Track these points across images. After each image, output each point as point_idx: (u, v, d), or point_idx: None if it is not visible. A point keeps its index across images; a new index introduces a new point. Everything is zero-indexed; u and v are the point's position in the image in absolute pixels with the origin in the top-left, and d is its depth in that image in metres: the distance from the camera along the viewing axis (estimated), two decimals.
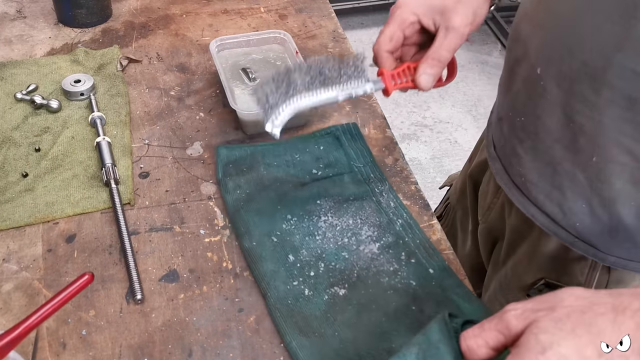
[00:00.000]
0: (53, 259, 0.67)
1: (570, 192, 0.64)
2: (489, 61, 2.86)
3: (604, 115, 0.57)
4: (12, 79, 0.90)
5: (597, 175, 0.61)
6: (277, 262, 0.66)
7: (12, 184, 0.74)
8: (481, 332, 0.45)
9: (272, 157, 0.79)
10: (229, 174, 0.76)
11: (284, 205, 0.72)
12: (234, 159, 0.78)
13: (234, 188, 0.74)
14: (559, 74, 0.60)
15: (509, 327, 0.44)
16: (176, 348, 0.59)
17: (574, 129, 0.61)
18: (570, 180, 0.64)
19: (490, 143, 0.78)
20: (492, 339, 0.45)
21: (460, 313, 0.60)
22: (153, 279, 0.65)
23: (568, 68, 0.59)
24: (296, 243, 0.68)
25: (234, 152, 0.79)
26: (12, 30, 1.01)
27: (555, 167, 0.64)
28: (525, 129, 0.68)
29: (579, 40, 0.58)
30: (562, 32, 0.59)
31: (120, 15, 1.06)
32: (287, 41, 0.92)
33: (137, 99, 0.89)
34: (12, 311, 0.62)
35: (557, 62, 0.61)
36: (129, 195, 0.73)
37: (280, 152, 0.79)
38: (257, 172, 0.76)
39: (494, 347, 0.45)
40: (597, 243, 0.66)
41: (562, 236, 0.69)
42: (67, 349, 0.59)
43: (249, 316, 0.62)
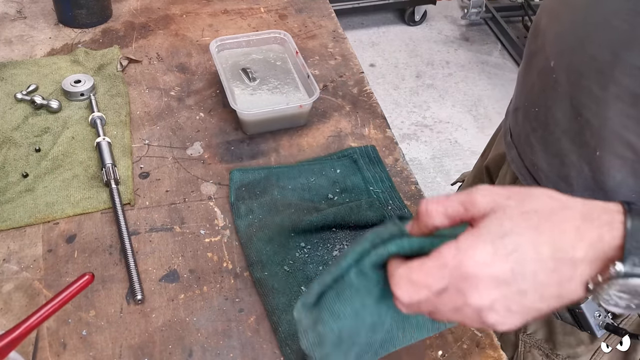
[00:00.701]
0: (53, 259, 0.67)
1: (576, 184, 0.65)
2: (489, 61, 2.86)
3: (609, 111, 0.58)
4: (13, 79, 0.90)
5: (600, 168, 0.62)
6: (289, 294, 0.64)
7: (12, 184, 0.74)
8: (445, 200, 0.45)
9: (286, 180, 0.76)
10: (241, 198, 0.74)
11: (298, 232, 0.70)
12: (247, 181, 0.76)
13: (246, 212, 0.72)
14: (569, 67, 0.61)
15: (474, 203, 0.44)
16: (176, 348, 0.60)
17: (581, 122, 0.61)
18: (577, 173, 0.65)
19: (507, 132, 0.80)
20: (452, 209, 0.44)
21: None
22: (153, 279, 0.65)
23: (578, 61, 0.60)
24: (309, 273, 0.66)
25: (247, 174, 0.77)
26: (13, 30, 1.01)
27: (563, 158, 0.65)
28: (538, 119, 0.69)
29: (590, 34, 0.58)
30: (575, 25, 0.60)
31: (120, 16, 1.06)
32: (287, 41, 0.92)
33: (137, 99, 0.89)
34: (13, 311, 0.62)
35: (568, 54, 0.61)
36: (129, 195, 0.73)
37: (295, 174, 0.77)
38: (271, 196, 0.74)
39: (451, 217, 0.45)
40: None
41: None
42: (68, 349, 0.59)
43: (249, 316, 0.62)
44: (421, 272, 0.43)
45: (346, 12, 2.83)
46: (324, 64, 0.97)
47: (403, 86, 2.66)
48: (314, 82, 0.83)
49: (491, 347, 0.61)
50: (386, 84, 2.67)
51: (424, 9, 3.03)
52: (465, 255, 0.42)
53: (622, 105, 0.57)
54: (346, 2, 2.78)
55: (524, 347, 0.87)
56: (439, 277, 0.43)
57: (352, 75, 0.95)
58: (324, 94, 0.91)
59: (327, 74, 0.95)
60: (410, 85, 2.67)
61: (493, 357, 0.60)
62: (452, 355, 0.60)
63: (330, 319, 0.47)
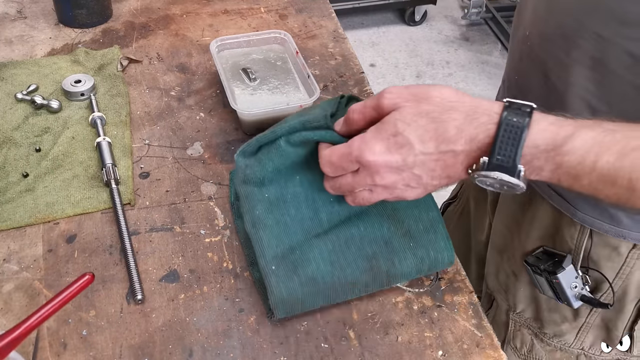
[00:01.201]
0: (53, 259, 0.67)
1: None
2: (489, 61, 2.86)
3: (572, 75, 0.64)
4: (13, 79, 0.90)
5: None
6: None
7: (12, 184, 0.74)
8: (363, 108, 0.56)
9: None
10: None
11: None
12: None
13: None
14: (541, 35, 0.68)
15: (381, 106, 0.54)
16: (176, 348, 0.60)
17: (549, 86, 0.67)
18: None
19: None
20: (369, 114, 0.55)
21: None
22: (153, 279, 0.65)
23: (547, 28, 0.67)
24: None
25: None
26: (13, 30, 1.01)
27: None
28: (518, 86, 0.75)
29: (559, 2, 0.65)
30: None
31: (120, 16, 1.06)
32: (287, 41, 0.92)
33: (137, 99, 0.89)
34: (13, 311, 0.62)
35: (540, 23, 0.68)
36: (129, 195, 0.73)
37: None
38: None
39: (368, 120, 0.56)
40: (569, 198, 0.72)
41: (543, 189, 0.75)
42: (68, 349, 0.59)
43: (249, 316, 0.63)
44: (336, 156, 0.56)
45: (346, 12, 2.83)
46: (324, 64, 0.97)
47: None
48: (314, 82, 0.83)
49: (491, 347, 0.61)
50: (386, 84, 2.67)
51: (424, 9, 3.03)
52: (366, 147, 0.53)
53: (583, 69, 0.62)
54: (346, 2, 2.78)
55: (514, 326, 0.91)
56: (347, 161, 0.55)
57: (352, 75, 0.95)
58: (324, 94, 0.91)
59: (327, 74, 0.95)
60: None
61: (493, 357, 0.60)
62: (452, 355, 0.60)
63: (255, 164, 0.64)
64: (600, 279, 0.76)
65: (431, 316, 0.64)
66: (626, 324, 0.80)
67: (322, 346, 0.61)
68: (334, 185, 0.59)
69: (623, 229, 0.70)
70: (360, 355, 0.60)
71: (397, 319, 0.63)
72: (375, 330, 0.62)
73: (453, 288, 0.66)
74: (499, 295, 0.90)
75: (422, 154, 0.52)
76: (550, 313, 0.84)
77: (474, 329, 0.63)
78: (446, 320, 0.63)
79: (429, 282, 0.67)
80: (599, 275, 0.76)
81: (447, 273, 0.68)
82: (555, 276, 0.74)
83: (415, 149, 0.52)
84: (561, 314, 0.83)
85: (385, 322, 0.63)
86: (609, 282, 0.75)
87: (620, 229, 0.70)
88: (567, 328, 0.84)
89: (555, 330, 0.85)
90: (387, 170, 0.53)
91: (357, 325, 0.62)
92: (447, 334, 0.62)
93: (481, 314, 0.64)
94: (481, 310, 0.64)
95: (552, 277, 0.74)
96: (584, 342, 0.84)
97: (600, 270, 0.75)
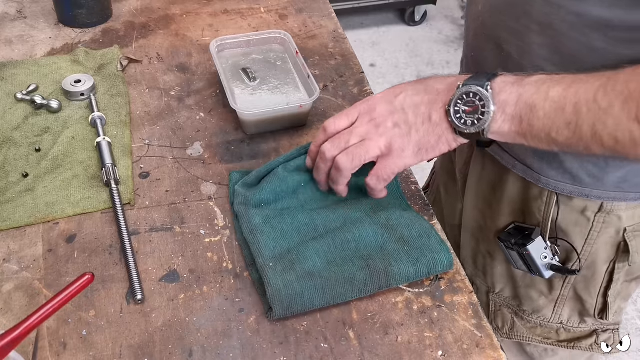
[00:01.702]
0: (53, 259, 0.67)
1: None
2: None
3: (524, 42, 0.67)
4: (13, 79, 0.90)
5: None
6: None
7: (12, 184, 0.74)
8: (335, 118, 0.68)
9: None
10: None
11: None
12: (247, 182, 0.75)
13: None
14: (492, 7, 0.71)
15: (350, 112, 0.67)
16: (176, 348, 0.60)
17: (504, 56, 0.70)
18: None
19: None
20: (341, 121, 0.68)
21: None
22: (153, 279, 0.65)
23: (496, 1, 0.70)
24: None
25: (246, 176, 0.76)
26: (13, 30, 1.01)
27: None
28: (475, 62, 0.78)
29: None
30: None
31: (120, 16, 1.06)
32: (287, 41, 0.92)
33: (137, 99, 0.89)
34: (13, 311, 0.62)
35: None
36: (129, 195, 0.73)
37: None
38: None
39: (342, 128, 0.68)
40: (532, 164, 0.75)
41: (506, 159, 0.78)
42: (68, 349, 0.59)
43: (249, 316, 0.63)
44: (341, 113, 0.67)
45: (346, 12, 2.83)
46: (324, 64, 0.97)
47: None
48: (314, 82, 0.83)
49: (491, 347, 0.61)
50: (386, 84, 2.66)
51: (424, 9, 3.03)
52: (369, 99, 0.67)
53: (534, 35, 0.65)
54: (346, 2, 2.78)
55: (495, 306, 0.94)
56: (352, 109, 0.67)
57: (352, 75, 0.95)
58: (324, 94, 0.91)
59: (327, 74, 0.95)
60: None
61: (493, 357, 0.60)
62: (452, 355, 0.60)
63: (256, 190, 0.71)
64: (570, 249, 0.79)
65: (431, 316, 0.64)
66: (599, 290, 0.82)
67: (322, 346, 0.61)
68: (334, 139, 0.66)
69: (585, 188, 0.73)
70: (360, 355, 0.60)
71: (397, 319, 0.63)
72: (375, 330, 0.62)
73: (453, 288, 0.66)
74: (478, 279, 0.93)
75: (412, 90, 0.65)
76: (527, 289, 0.87)
77: (474, 329, 0.63)
78: (446, 320, 0.63)
79: (428, 282, 0.67)
80: (568, 246, 0.79)
81: (447, 273, 0.68)
82: (525, 248, 0.77)
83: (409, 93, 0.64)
84: (537, 289, 0.86)
85: (385, 322, 0.63)
86: (575, 250, 0.78)
87: (583, 188, 0.73)
88: (544, 302, 0.86)
89: (533, 307, 0.88)
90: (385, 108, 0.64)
91: (357, 325, 0.62)
92: (447, 334, 0.62)
93: (481, 314, 0.64)
94: (481, 310, 0.65)
95: (523, 249, 0.77)
96: (561, 316, 0.87)
97: (568, 238, 0.78)
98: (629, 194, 0.72)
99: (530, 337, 0.91)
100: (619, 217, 0.74)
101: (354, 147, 0.65)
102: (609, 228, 0.76)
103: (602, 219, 0.75)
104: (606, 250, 0.78)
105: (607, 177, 0.71)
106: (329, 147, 0.66)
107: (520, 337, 0.91)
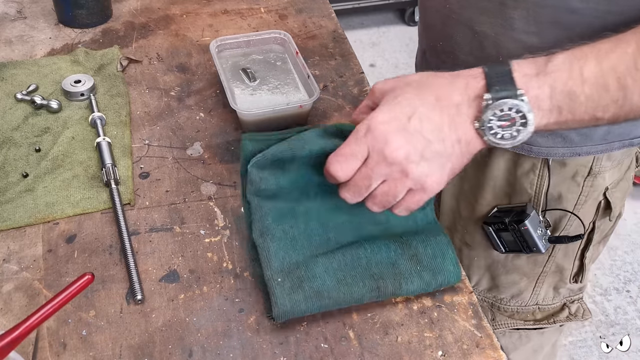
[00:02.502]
0: (53, 259, 0.67)
1: None
2: None
3: (499, 17, 0.66)
4: (13, 79, 0.90)
5: None
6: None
7: (12, 184, 0.74)
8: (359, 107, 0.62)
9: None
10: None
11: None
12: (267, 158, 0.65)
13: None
14: None
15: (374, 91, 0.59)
16: (176, 348, 0.60)
17: (479, 38, 0.70)
18: None
19: None
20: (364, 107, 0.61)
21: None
22: (153, 279, 0.65)
23: None
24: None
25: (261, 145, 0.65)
26: (13, 30, 1.01)
27: None
28: (444, 50, 0.77)
29: None
30: None
31: (120, 16, 1.06)
32: (287, 41, 0.92)
33: (137, 99, 0.89)
34: (13, 311, 0.62)
35: None
36: (129, 195, 0.73)
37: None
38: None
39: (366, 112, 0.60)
40: None
41: None
42: (68, 349, 0.59)
43: (249, 316, 0.63)
44: (344, 147, 0.56)
45: (346, 12, 2.83)
46: (324, 64, 0.97)
47: None
48: (314, 82, 0.83)
49: (491, 347, 0.61)
50: None
51: None
52: (372, 121, 0.55)
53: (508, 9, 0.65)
54: (346, 2, 2.78)
55: None
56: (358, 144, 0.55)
57: (352, 75, 0.95)
58: (324, 94, 0.91)
59: (327, 74, 0.95)
60: None
61: (493, 357, 0.60)
62: (452, 355, 0.60)
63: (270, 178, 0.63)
64: (557, 219, 0.81)
65: (431, 316, 0.64)
66: (576, 254, 0.84)
67: (322, 346, 0.61)
68: (350, 186, 0.57)
69: (575, 147, 0.74)
70: (360, 355, 0.60)
71: (397, 319, 0.63)
72: (375, 331, 0.62)
73: (453, 288, 0.66)
74: None
75: (423, 106, 0.54)
76: (507, 275, 0.87)
77: (474, 329, 0.63)
78: (446, 320, 0.63)
79: None
80: (555, 215, 0.80)
81: None
82: (523, 223, 0.77)
83: (416, 104, 0.54)
84: (519, 272, 0.86)
85: (385, 322, 0.63)
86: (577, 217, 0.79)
87: (574, 148, 0.74)
88: (525, 284, 0.87)
89: (512, 292, 0.88)
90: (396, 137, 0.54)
91: (357, 326, 0.62)
92: (446, 334, 0.62)
93: (481, 314, 0.64)
94: (481, 311, 0.65)
95: (520, 225, 0.77)
96: (538, 295, 0.88)
97: (561, 206, 0.79)
98: (613, 143, 0.74)
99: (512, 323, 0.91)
100: (604, 177, 0.77)
101: (380, 195, 0.57)
102: (595, 191, 0.78)
103: (590, 183, 0.77)
104: (589, 212, 0.80)
105: (595, 131, 0.72)
106: (350, 197, 0.58)
107: (504, 325, 0.91)
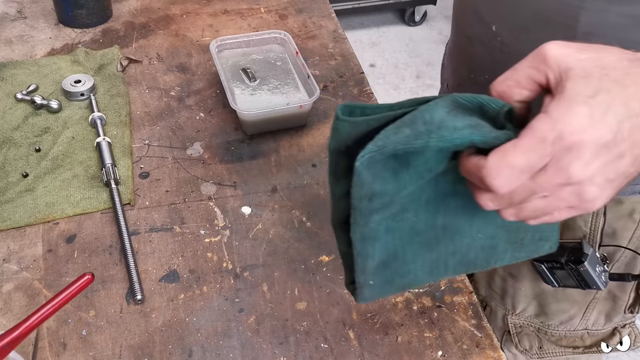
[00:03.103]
0: (53, 259, 0.67)
1: None
2: None
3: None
4: (13, 79, 0.90)
5: None
6: None
7: (12, 184, 0.74)
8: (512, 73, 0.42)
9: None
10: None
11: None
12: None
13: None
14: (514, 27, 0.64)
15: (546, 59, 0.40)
16: (176, 348, 0.60)
17: None
18: None
19: None
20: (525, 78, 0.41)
21: None
22: (153, 279, 0.65)
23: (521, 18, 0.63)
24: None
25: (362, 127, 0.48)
26: (13, 30, 1.01)
27: None
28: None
29: None
30: None
31: (120, 16, 1.06)
32: (287, 41, 0.92)
33: (137, 99, 0.89)
34: (13, 311, 0.62)
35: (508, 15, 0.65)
36: (129, 195, 0.73)
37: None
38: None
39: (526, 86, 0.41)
40: None
41: None
42: (68, 349, 0.59)
43: (249, 316, 0.63)
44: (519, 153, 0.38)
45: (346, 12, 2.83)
46: (324, 64, 0.97)
47: (403, 86, 2.66)
48: (314, 82, 0.83)
49: (491, 348, 0.61)
50: (386, 84, 2.67)
51: (424, 9, 3.03)
52: (564, 124, 0.37)
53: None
54: (346, 2, 2.78)
55: (515, 328, 0.89)
56: (540, 154, 0.37)
57: (352, 75, 0.95)
58: (324, 94, 0.91)
59: (327, 74, 0.95)
60: (410, 85, 2.67)
61: (493, 357, 0.60)
62: (452, 355, 0.60)
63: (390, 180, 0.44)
64: (611, 251, 0.76)
65: (431, 316, 0.64)
66: (633, 285, 0.80)
67: (322, 346, 0.61)
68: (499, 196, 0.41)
69: (636, 184, 0.69)
70: (360, 355, 0.60)
71: (397, 319, 0.63)
72: (375, 331, 0.62)
73: (453, 288, 0.66)
74: (493, 301, 0.90)
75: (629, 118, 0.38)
76: (557, 303, 0.84)
77: (474, 329, 0.63)
78: (446, 320, 0.63)
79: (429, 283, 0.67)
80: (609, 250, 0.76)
81: None
82: (582, 264, 0.71)
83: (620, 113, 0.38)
84: (570, 299, 0.83)
85: (385, 322, 0.63)
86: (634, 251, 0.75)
87: (633, 186, 0.70)
88: (575, 312, 0.83)
89: (562, 318, 0.85)
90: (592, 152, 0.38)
91: (357, 326, 0.62)
92: (446, 334, 0.62)
93: (481, 314, 0.64)
94: (481, 311, 0.64)
95: (580, 266, 0.72)
96: (588, 321, 0.84)
97: (615, 242, 0.75)
98: None
99: (560, 351, 0.87)
100: None
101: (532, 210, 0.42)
102: None
103: None
104: None
105: None
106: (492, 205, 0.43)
107: (552, 353, 0.87)
